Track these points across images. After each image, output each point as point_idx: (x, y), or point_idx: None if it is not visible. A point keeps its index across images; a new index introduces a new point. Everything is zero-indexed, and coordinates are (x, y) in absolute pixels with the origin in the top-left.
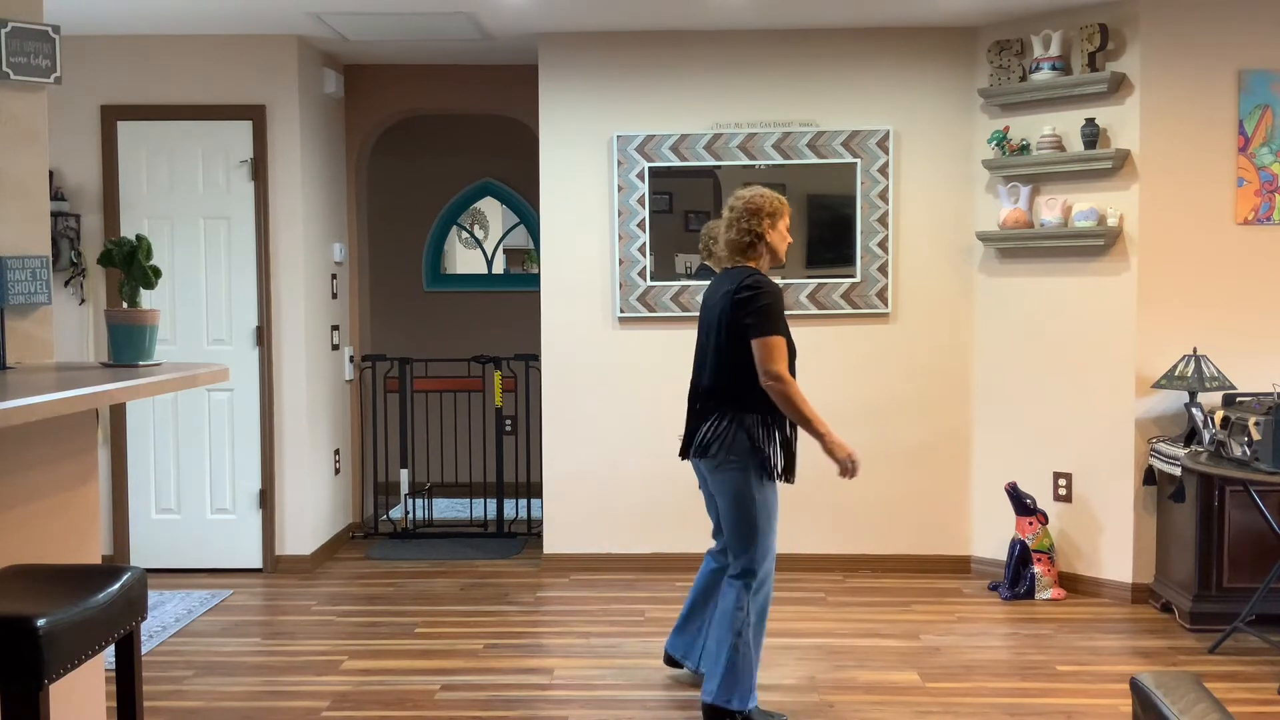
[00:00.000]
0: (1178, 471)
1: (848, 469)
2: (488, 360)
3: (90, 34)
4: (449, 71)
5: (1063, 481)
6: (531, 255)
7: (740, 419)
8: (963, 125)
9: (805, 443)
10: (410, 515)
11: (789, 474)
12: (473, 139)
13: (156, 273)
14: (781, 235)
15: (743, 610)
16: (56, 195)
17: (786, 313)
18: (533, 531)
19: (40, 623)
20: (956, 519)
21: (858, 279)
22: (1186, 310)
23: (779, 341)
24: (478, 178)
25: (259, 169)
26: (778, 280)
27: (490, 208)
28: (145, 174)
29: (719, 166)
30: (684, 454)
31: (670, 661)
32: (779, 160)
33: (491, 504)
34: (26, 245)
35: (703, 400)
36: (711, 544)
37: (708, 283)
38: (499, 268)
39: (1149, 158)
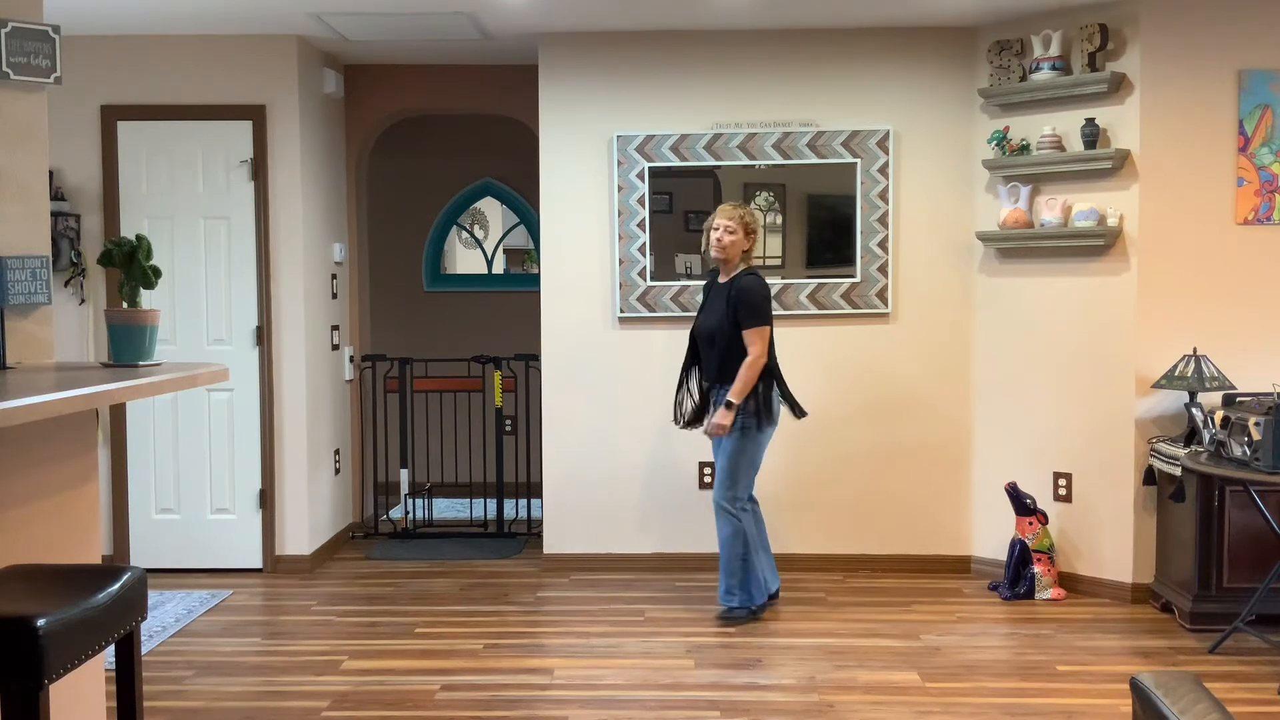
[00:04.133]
0: (1178, 471)
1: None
2: (488, 360)
3: (90, 34)
4: (449, 71)
5: (1063, 481)
6: (531, 255)
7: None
8: (963, 125)
9: (808, 443)
10: (410, 515)
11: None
12: (473, 139)
13: (156, 273)
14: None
15: None
16: (56, 195)
17: (789, 312)
18: (533, 531)
19: (40, 623)
20: (956, 519)
21: (858, 279)
22: (1186, 310)
23: None
24: (478, 178)
25: (259, 169)
26: (775, 280)
27: (490, 208)
28: (145, 174)
29: (719, 166)
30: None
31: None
32: (779, 160)
33: (491, 504)
34: (26, 245)
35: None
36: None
37: (704, 282)
38: (499, 268)
39: (1149, 158)
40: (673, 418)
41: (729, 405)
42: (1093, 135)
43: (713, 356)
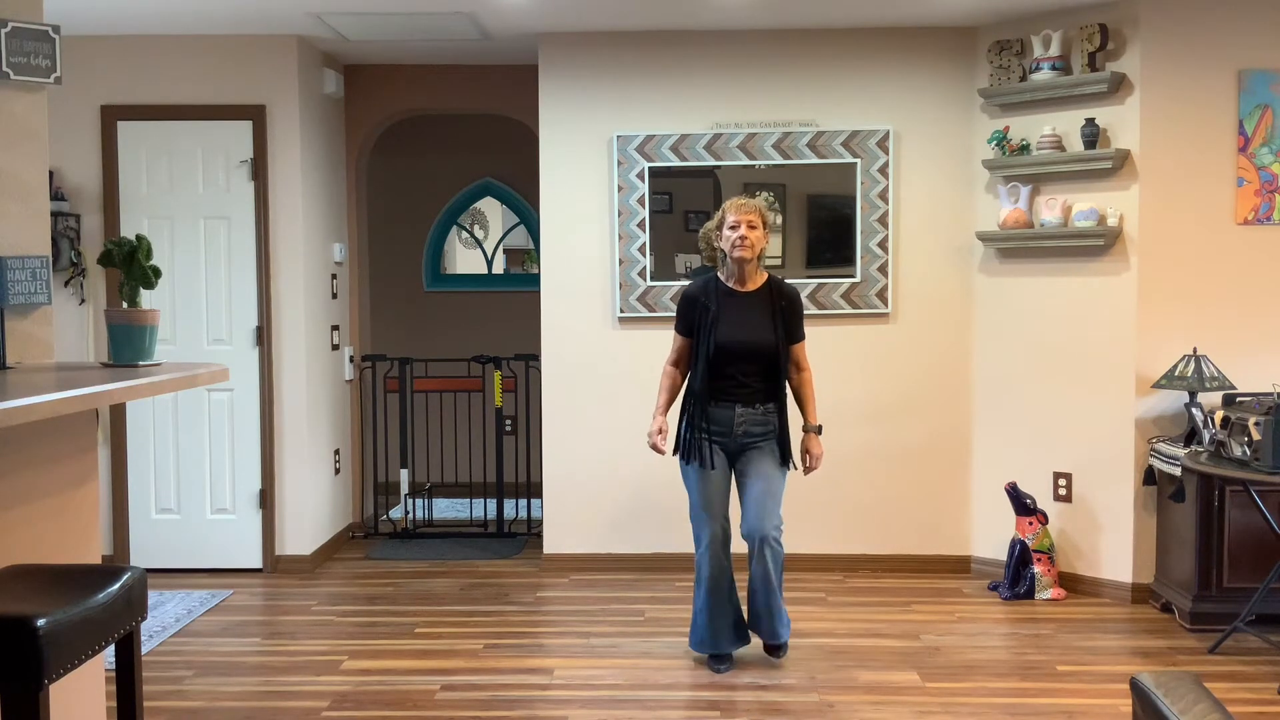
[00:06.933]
0: (1178, 471)
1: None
2: (488, 360)
3: (90, 34)
4: (449, 71)
5: (1063, 481)
6: (531, 255)
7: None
8: (963, 125)
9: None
10: (410, 515)
11: (685, 455)
12: (473, 139)
13: (156, 273)
14: (724, 238)
15: None
16: (56, 195)
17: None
18: (533, 531)
19: (40, 623)
20: (956, 519)
21: (858, 279)
22: (1186, 310)
23: (674, 337)
24: (478, 178)
25: (259, 169)
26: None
27: (490, 208)
28: (145, 174)
29: (719, 166)
30: None
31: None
32: (779, 160)
33: (491, 504)
34: (26, 245)
35: None
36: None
37: (690, 285)
38: (499, 268)
39: (1149, 158)
40: (704, 463)
41: (820, 430)
42: (1093, 135)
43: (755, 374)
